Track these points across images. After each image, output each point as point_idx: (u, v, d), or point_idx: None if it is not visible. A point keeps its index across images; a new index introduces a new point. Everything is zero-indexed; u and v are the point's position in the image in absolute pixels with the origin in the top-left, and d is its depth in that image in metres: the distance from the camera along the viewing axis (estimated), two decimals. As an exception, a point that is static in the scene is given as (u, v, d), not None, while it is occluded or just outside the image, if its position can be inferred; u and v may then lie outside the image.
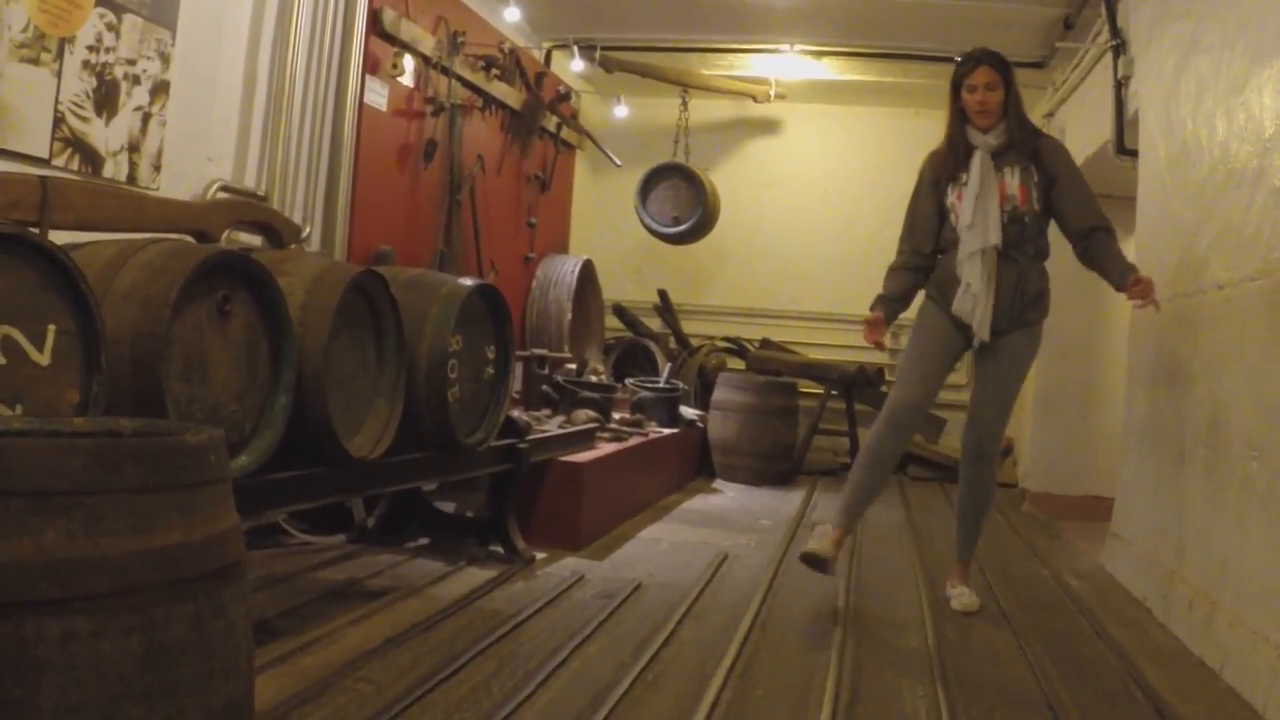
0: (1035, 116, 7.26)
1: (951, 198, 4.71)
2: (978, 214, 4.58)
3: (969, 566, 4.95)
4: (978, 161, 4.63)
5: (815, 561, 4.51)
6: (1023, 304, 4.66)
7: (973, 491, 4.86)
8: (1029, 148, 4.66)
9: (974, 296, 4.60)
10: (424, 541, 5.24)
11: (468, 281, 4.62)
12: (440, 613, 4.06)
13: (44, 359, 2.66)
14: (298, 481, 3.58)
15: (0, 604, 1.74)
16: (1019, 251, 4.63)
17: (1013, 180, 4.63)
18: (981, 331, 4.61)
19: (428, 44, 6.76)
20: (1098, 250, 4.61)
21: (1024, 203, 4.61)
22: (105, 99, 4.39)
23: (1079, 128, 7.81)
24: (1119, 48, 6.56)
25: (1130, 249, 6.67)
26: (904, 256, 4.89)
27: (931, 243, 4.82)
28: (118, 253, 3.14)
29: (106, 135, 4.42)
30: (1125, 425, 5.94)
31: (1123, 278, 4.48)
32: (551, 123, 9.01)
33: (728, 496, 7.92)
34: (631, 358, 9.89)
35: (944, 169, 4.76)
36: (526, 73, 8.37)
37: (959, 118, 4.74)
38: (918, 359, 4.76)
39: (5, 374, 2.55)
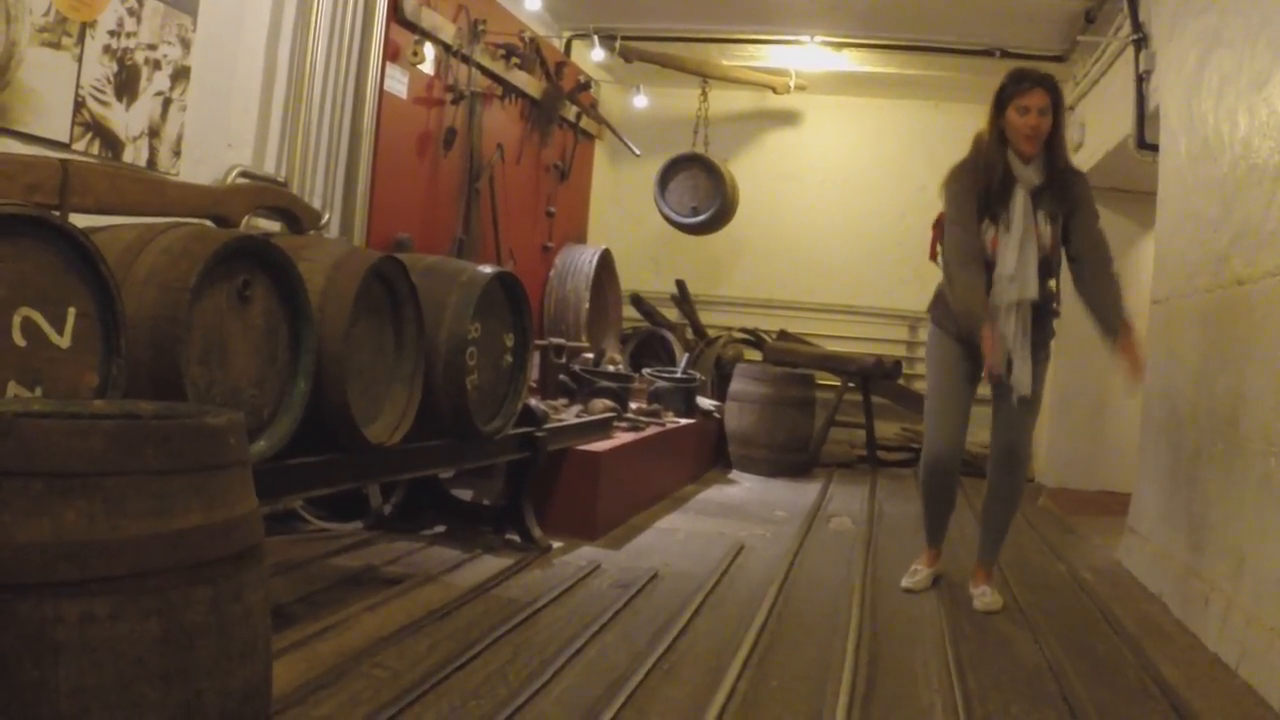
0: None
1: (987, 235, 4.51)
2: (1020, 265, 4.44)
3: (992, 567, 4.84)
4: (1020, 204, 4.46)
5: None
6: (1040, 334, 4.61)
7: (1001, 497, 4.77)
8: (1062, 184, 4.51)
9: (1011, 349, 4.45)
10: (440, 529, 5.25)
11: (487, 269, 4.62)
12: (456, 600, 4.07)
13: (64, 341, 2.66)
14: (315, 467, 3.59)
15: (19, 585, 1.75)
16: (1040, 290, 4.54)
17: (1045, 227, 4.49)
18: (1021, 387, 4.46)
19: (448, 32, 6.75)
20: (1099, 288, 4.46)
21: (1052, 250, 4.53)
22: (126, 84, 4.40)
23: (1100, 122, 7.78)
24: (1140, 42, 6.52)
25: (1150, 244, 6.65)
26: (968, 249, 4.51)
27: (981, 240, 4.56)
28: (138, 237, 3.14)
29: (127, 120, 4.43)
30: (1143, 420, 5.91)
31: (1114, 330, 4.36)
32: (571, 112, 9.00)
33: (744, 487, 7.92)
34: (649, 348, 9.88)
35: (981, 193, 4.52)
36: (546, 62, 8.36)
37: (1000, 139, 4.50)
38: (942, 399, 4.72)
39: (25, 356, 2.56)
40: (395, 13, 6.15)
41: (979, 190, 4.51)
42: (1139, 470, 5.87)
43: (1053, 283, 4.61)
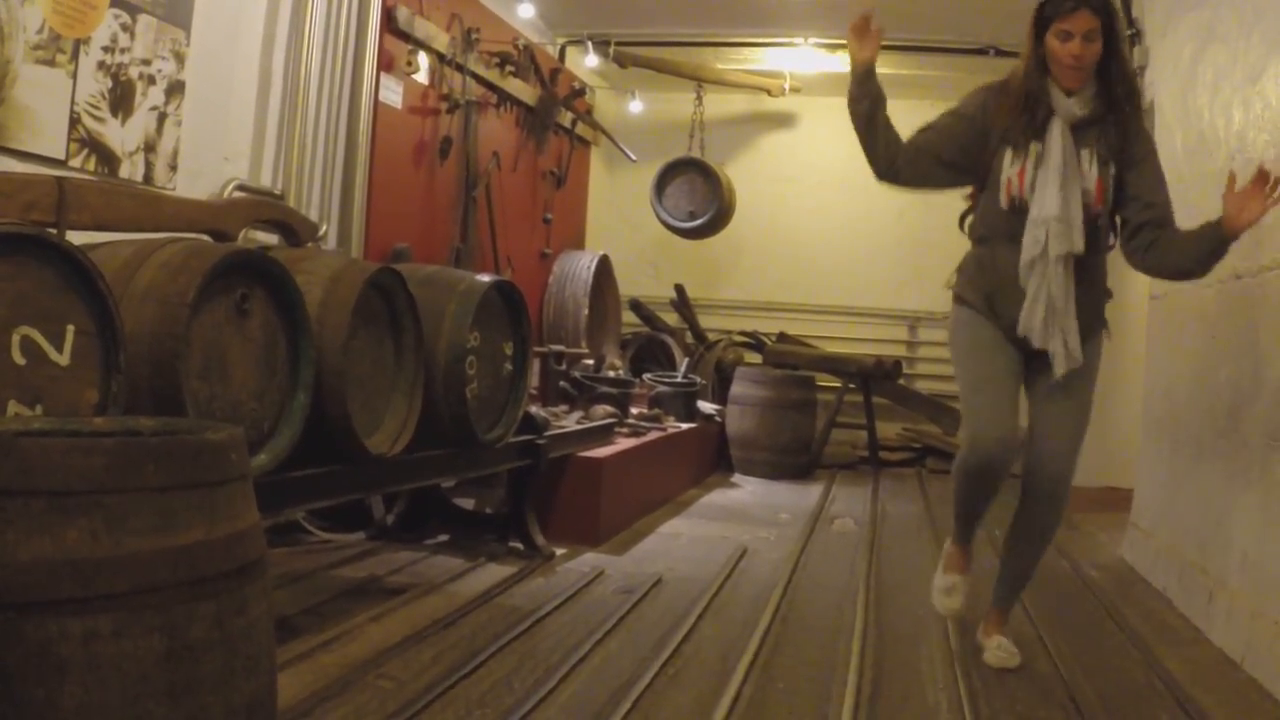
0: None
1: (1010, 169, 3.60)
2: (1065, 203, 3.52)
3: (1009, 614, 3.98)
4: (1058, 135, 3.56)
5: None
6: (1087, 312, 3.66)
7: (1034, 532, 3.82)
8: (1118, 122, 3.61)
9: (1052, 314, 3.58)
10: (443, 538, 5.25)
11: (485, 278, 4.63)
12: (460, 609, 4.07)
13: (63, 359, 2.67)
14: (317, 479, 3.59)
15: (23, 603, 1.75)
16: (1087, 255, 3.61)
17: (1091, 169, 3.58)
18: (1071, 359, 3.58)
19: (442, 41, 6.76)
20: (1168, 240, 3.58)
21: (1099, 201, 3.58)
22: (121, 99, 4.40)
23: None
24: (1135, 37, 6.53)
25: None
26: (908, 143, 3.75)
27: (922, 165, 3.74)
28: (135, 252, 3.15)
29: (122, 135, 4.43)
30: (1144, 416, 5.91)
31: (1218, 224, 3.46)
32: (566, 118, 9.01)
33: (746, 491, 7.91)
34: (649, 353, 9.88)
35: (1007, 123, 3.65)
36: (541, 69, 8.37)
37: (1040, 67, 3.60)
38: (984, 382, 3.70)
39: (25, 374, 2.56)
40: (388, 23, 6.17)
41: (1011, 123, 3.64)
42: (1141, 466, 5.87)
43: (1099, 249, 3.70)
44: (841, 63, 9.50)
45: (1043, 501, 3.76)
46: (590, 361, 8.24)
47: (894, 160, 3.70)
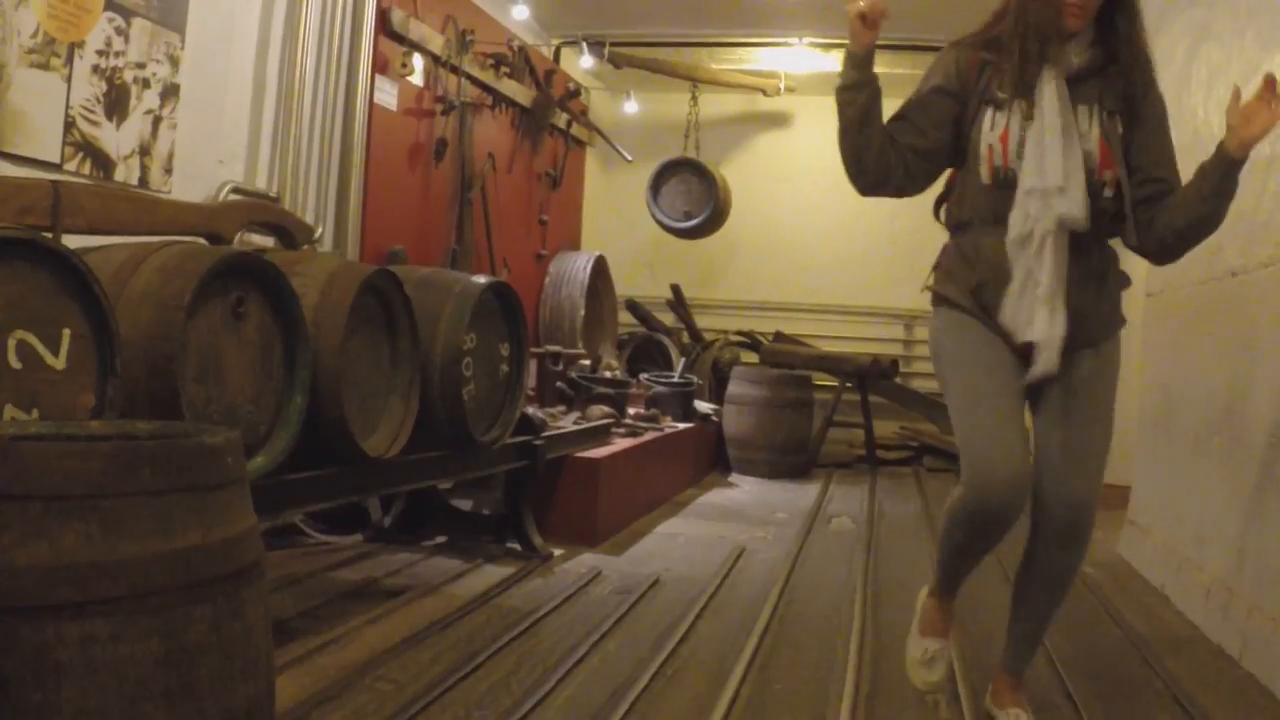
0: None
1: (991, 135, 2.95)
2: (1067, 168, 2.88)
3: (1023, 678, 3.20)
4: (1053, 88, 2.91)
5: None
6: (1103, 307, 3.07)
7: (1046, 586, 3.07)
8: (1125, 77, 2.98)
9: (1042, 302, 2.90)
10: (441, 540, 5.25)
11: (481, 279, 4.62)
12: (458, 611, 4.07)
13: (59, 363, 2.66)
14: (314, 481, 3.59)
15: (20, 608, 1.75)
16: (1092, 234, 2.97)
17: (1092, 127, 2.95)
18: (1047, 362, 2.90)
19: (437, 43, 6.76)
20: (1171, 201, 3.00)
21: (1104, 165, 2.94)
22: (115, 103, 4.40)
23: (1090, 116, 7.77)
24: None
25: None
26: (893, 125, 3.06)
27: (915, 166, 3.04)
28: (131, 256, 3.14)
29: (117, 139, 4.43)
30: (1141, 412, 5.92)
31: (1221, 146, 2.96)
32: (561, 119, 9.02)
33: (743, 490, 7.92)
34: (645, 353, 9.89)
35: (982, 80, 3.02)
36: (536, 70, 8.38)
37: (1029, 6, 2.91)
38: (982, 398, 2.94)
39: (21, 378, 2.56)
40: (383, 25, 6.17)
41: (982, 79, 3.02)
42: (1138, 463, 5.88)
43: (1105, 227, 3.03)
44: (835, 62, 9.53)
45: (1060, 540, 2.98)
46: (587, 362, 8.23)
47: (886, 171, 3.01)
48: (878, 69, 2.94)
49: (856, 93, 2.95)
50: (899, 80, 10.00)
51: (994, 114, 2.96)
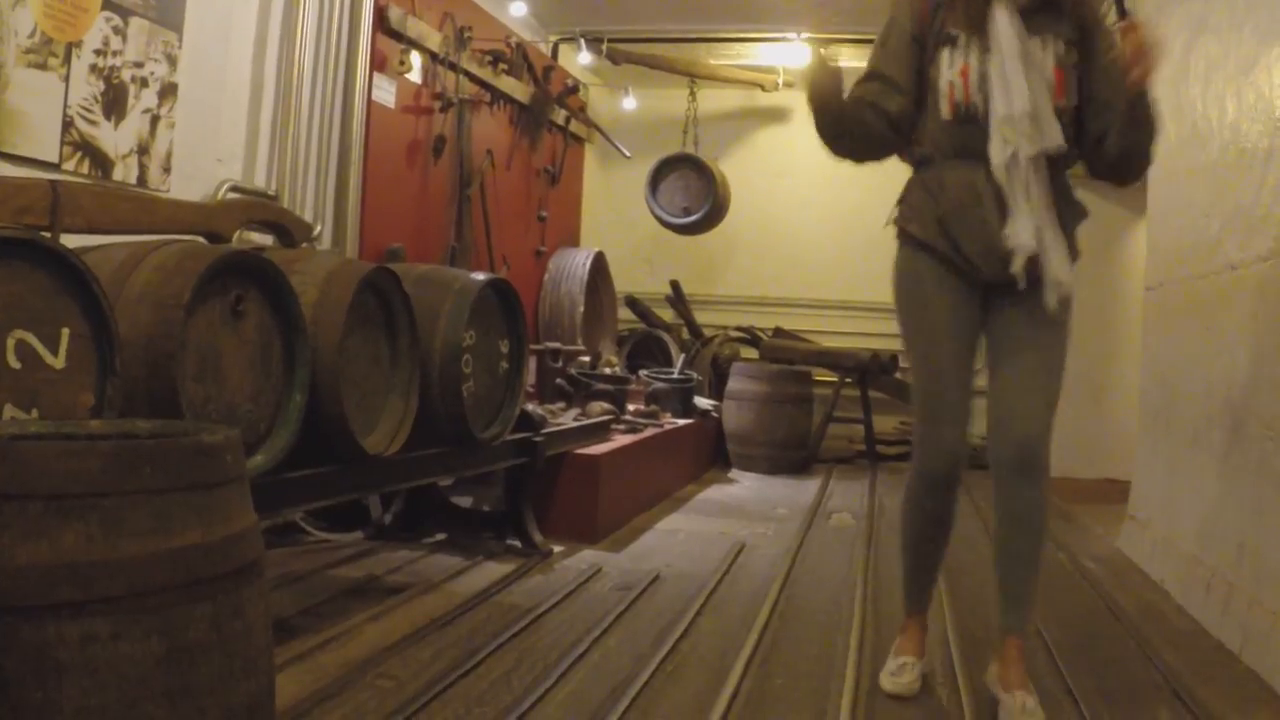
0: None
1: (950, 71, 3.07)
2: (1033, 93, 2.95)
3: (1023, 646, 3.16)
4: (1006, 20, 2.99)
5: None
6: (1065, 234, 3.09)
7: (1017, 525, 3.11)
8: (1075, 9, 3.11)
9: (1029, 228, 2.97)
10: (441, 537, 5.25)
11: (480, 276, 4.62)
12: (459, 608, 4.07)
13: (58, 362, 2.67)
14: (314, 480, 3.59)
15: (20, 607, 1.75)
16: (1051, 163, 3.04)
17: (1046, 57, 3.03)
18: (1062, 285, 3.00)
19: (434, 40, 6.76)
20: (1118, 134, 3.03)
21: (1060, 94, 3.02)
22: (114, 102, 4.40)
23: (1089, 110, 7.77)
24: (1126, 28, 6.51)
25: (1142, 231, 6.66)
26: (869, 87, 3.25)
27: (910, 87, 3.18)
28: (130, 255, 3.14)
29: (116, 138, 4.43)
30: (1140, 407, 5.93)
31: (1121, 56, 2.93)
32: (560, 116, 9.02)
33: (744, 486, 7.92)
34: (645, 349, 9.88)
35: (936, 21, 3.13)
36: (534, 67, 8.38)
37: None
38: (930, 360, 3.19)
39: (20, 378, 2.56)
40: (381, 23, 6.17)
41: (937, 19, 3.14)
42: (1138, 457, 5.88)
43: (1062, 159, 3.08)
44: (833, 59, 9.54)
45: (1016, 473, 3.06)
46: (586, 358, 8.25)
47: (899, 109, 3.19)
48: (852, 63, 3.08)
49: (831, 100, 3.35)
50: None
51: (950, 52, 3.07)
